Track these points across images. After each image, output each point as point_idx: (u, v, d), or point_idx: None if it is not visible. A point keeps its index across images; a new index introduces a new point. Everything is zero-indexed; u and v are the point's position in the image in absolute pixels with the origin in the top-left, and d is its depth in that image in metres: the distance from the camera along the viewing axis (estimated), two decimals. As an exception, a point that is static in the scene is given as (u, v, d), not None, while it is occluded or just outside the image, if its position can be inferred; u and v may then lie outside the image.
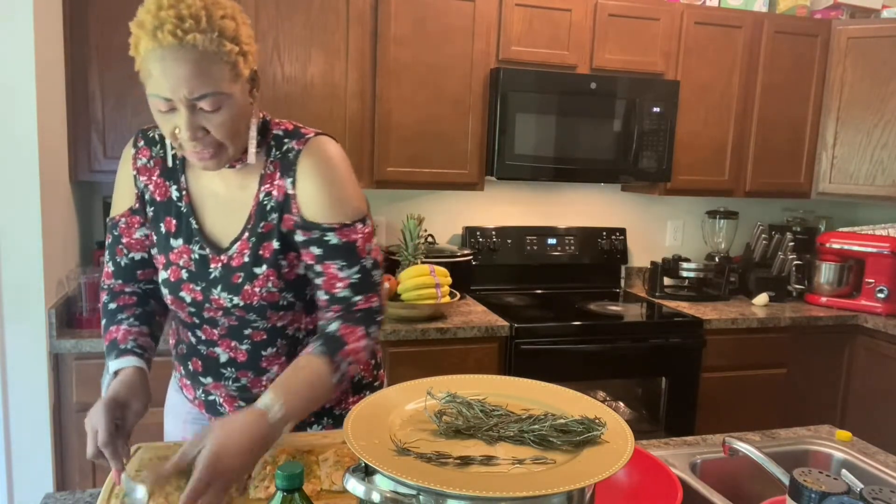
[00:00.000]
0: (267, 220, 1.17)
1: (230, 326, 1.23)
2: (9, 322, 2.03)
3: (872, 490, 0.91)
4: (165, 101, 1.04)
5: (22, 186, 2.00)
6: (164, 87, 1.02)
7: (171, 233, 1.21)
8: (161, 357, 2.21)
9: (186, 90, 1.02)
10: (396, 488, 0.75)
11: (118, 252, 1.27)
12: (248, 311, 1.19)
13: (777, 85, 3.07)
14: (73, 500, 1.12)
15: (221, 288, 1.18)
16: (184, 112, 1.04)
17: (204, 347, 1.26)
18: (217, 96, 1.04)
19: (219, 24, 1.02)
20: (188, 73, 1.01)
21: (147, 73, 1.04)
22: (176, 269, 1.21)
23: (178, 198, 1.21)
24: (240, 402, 1.30)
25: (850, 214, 3.67)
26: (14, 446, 2.07)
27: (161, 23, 0.99)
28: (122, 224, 1.26)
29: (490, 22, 2.65)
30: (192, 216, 1.21)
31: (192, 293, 1.20)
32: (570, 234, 3.18)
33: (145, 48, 1.02)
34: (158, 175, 1.22)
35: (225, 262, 1.19)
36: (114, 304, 1.26)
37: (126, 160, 1.25)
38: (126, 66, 2.30)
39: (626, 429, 0.88)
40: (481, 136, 2.72)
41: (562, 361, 2.57)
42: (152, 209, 1.23)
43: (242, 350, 1.24)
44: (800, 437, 1.48)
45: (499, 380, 1.06)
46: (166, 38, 0.99)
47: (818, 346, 2.97)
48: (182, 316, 1.26)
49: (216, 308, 1.20)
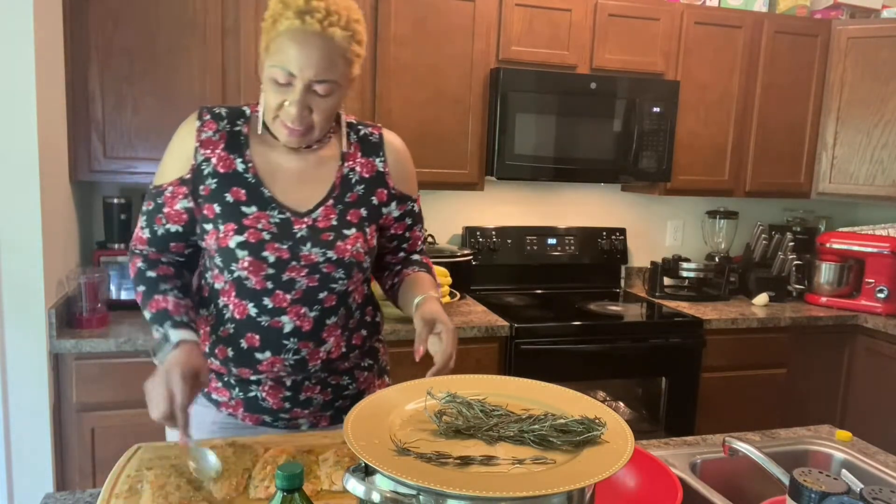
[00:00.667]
0: (353, 192, 1.32)
1: (307, 289, 1.26)
2: (9, 322, 2.03)
3: (872, 490, 0.91)
4: (288, 75, 1.16)
5: (22, 186, 2.00)
6: (295, 63, 1.15)
7: (241, 201, 1.25)
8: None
9: (313, 72, 1.16)
10: (396, 488, 0.75)
11: (157, 221, 1.29)
12: (338, 266, 1.27)
13: (777, 85, 3.07)
14: (73, 500, 1.12)
15: (311, 244, 1.25)
16: (300, 90, 1.17)
17: (267, 318, 1.26)
18: (332, 84, 1.19)
19: (353, 26, 1.19)
20: (319, 58, 1.15)
21: (279, 47, 1.16)
22: (255, 231, 1.24)
23: (243, 170, 1.27)
24: (285, 391, 1.31)
25: (850, 214, 3.67)
26: (14, 446, 2.07)
27: (311, 10, 1.14)
28: (168, 193, 1.28)
29: (490, 22, 2.65)
30: (261, 186, 1.27)
31: (278, 252, 1.23)
32: (570, 234, 3.18)
33: (287, 26, 1.14)
34: (222, 149, 1.27)
35: (310, 223, 1.27)
36: (153, 273, 1.29)
37: (188, 133, 1.28)
38: (126, 66, 2.31)
39: (626, 429, 0.88)
40: (481, 136, 2.72)
41: (562, 361, 2.57)
42: (215, 181, 1.26)
43: (310, 318, 1.27)
44: (800, 437, 1.48)
45: (499, 380, 1.06)
46: (313, 25, 1.14)
47: (818, 346, 2.97)
48: (251, 283, 1.24)
49: (303, 266, 1.25)
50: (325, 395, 1.36)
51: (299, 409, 1.34)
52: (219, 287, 1.29)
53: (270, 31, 1.18)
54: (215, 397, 1.35)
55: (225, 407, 1.34)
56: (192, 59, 2.35)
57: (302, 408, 1.34)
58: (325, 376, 1.35)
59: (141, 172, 2.36)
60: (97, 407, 2.15)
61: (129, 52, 2.30)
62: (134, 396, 2.17)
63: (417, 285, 1.36)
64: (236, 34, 2.38)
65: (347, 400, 1.39)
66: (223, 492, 1.04)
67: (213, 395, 1.35)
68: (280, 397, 1.32)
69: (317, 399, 1.35)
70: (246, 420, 1.34)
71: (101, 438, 2.17)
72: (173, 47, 2.33)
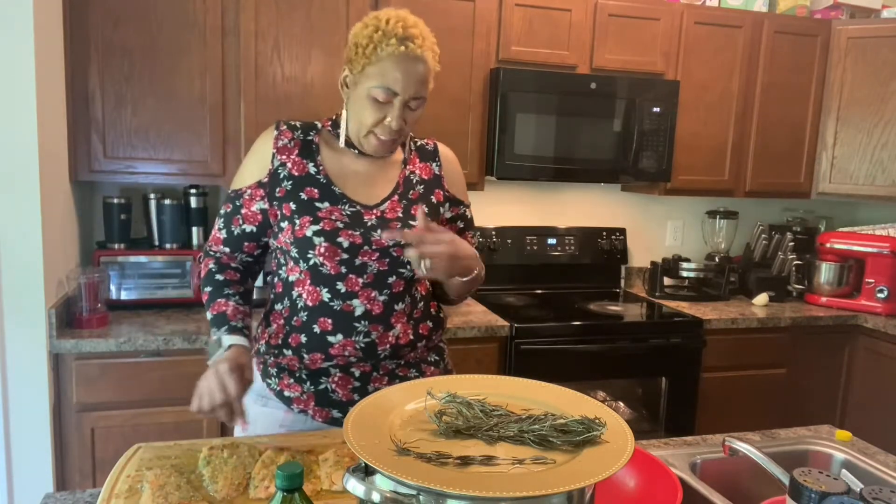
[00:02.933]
0: (414, 190, 1.44)
1: (378, 272, 1.35)
2: (9, 322, 2.03)
3: (872, 490, 0.91)
4: (390, 94, 1.30)
5: (22, 186, 2.00)
6: (399, 84, 1.29)
7: (314, 199, 1.36)
8: (166, 357, 2.20)
9: (413, 90, 1.31)
10: (396, 488, 0.75)
11: (234, 221, 1.40)
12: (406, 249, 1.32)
13: (777, 85, 3.07)
14: (73, 500, 1.12)
15: (382, 230, 1.35)
16: (399, 106, 1.31)
17: (339, 302, 1.34)
18: (423, 100, 1.35)
19: (435, 48, 1.36)
20: (418, 79, 1.31)
21: (381, 70, 1.29)
22: (329, 221, 1.34)
23: (315, 172, 1.39)
24: (355, 382, 1.37)
25: (850, 214, 3.67)
26: (14, 446, 2.07)
27: (411, 37, 1.29)
28: (247, 195, 1.39)
29: (490, 22, 2.65)
30: (332, 185, 1.38)
31: (351, 237, 1.33)
32: (570, 234, 3.18)
33: (390, 52, 1.28)
34: (297, 154, 1.39)
35: (379, 215, 1.37)
36: (221, 276, 1.41)
37: (266, 140, 1.41)
38: (126, 66, 2.31)
39: (626, 429, 0.88)
40: (481, 136, 2.72)
41: (562, 361, 2.57)
42: (290, 182, 1.37)
43: (379, 301, 1.35)
44: (800, 437, 1.48)
45: (499, 380, 1.06)
46: (415, 50, 1.29)
47: (818, 346, 2.97)
48: (327, 269, 1.33)
49: (374, 249, 1.34)
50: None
51: None
52: (293, 279, 1.37)
53: (370, 56, 1.29)
54: (287, 394, 1.39)
55: (297, 403, 1.39)
56: (192, 59, 2.35)
57: None
58: (392, 367, 1.40)
59: (141, 172, 2.36)
60: (97, 407, 2.15)
61: (129, 52, 2.30)
62: (134, 396, 2.17)
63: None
64: (236, 34, 2.38)
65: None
66: (223, 492, 1.05)
67: (286, 391, 1.39)
68: (349, 388, 1.37)
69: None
70: (316, 417, 1.38)
71: (101, 438, 2.17)
72: (173, 47, 2.33)
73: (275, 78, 2.44)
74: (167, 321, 2.33)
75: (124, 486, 1.04)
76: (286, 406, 1.40)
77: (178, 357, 2.18)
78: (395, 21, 1.30)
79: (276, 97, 2.44)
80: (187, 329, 2.25)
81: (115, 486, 1.04)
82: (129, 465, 1.11)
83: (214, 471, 1.08)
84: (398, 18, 1.31)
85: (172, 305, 2.49)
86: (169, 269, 2.47)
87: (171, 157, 2.38)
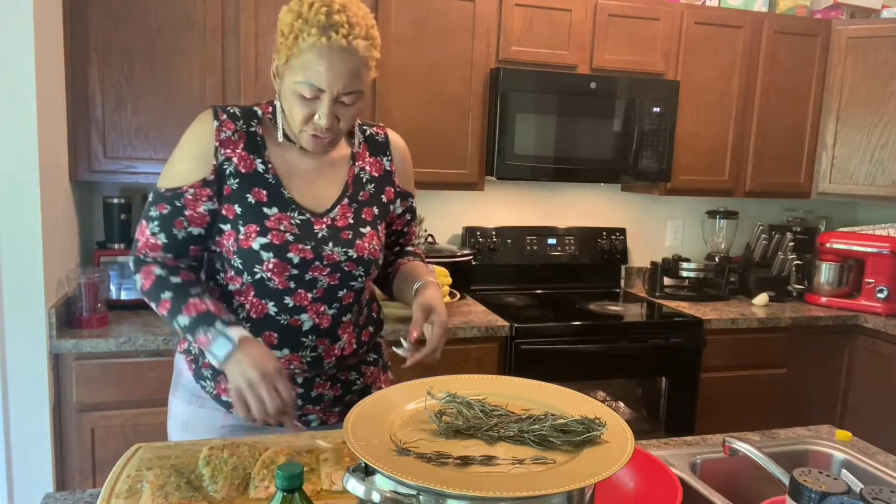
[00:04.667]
0: (364, 190, 1.35)
1: (328, 287, 1.28)
2: (9, 322, 2.03)
3: (872, 490, 0.91)
4: (315, 91, 1.17)
5: (22, 186, 1.99)
6: (324, 79, 1.16)
7: (262, 202, 1.26)
8: (166, 357, 2.19)
9: (342, 85, 1.17)
10: (396, 488, 0.75)
11: (177, 224, 1.25)
12: (358, 264, 1.30)
13: (777, 85, 3.07)
14: (73, 500, 1.12)
15: (333, 244, 1.28)
16: (328, 103, 1.19)
17: (286, 317, 1.28)
18: (358, 94, 1.22)
19: (372, 33, 1.21)
20: (348, 72, 1.17)
21: (303, 63, 1.16)
22: (278, 233, 1.24)
23: (263, 170, 1.27)
24: (297, 388, 1.32)
25: (850, 214, 3.67)
26: (14, 446, 2.07)
27: (334, 25, 1.14)
28: (190, 195, 1.24)
29: (490, 22, 2.65)
30: (281, 187, 1.28)
31: (302, 252, 1.25)
32: (570, 234, 3.18)
33: (311, 43, 1.14)
34: (242, 148, 1.27)
35: (329, 223, 1.29)
36: (177, 279, 1.26)
37: (205, 132, 1.26)
38: (126, 66, 2.31)
39: (626, 429, 0.88)
40: (481, 136, 2.72)
41: (562, 361, 2.57)
42: (237, 181, 1.26)
43: (328, 315, 1.30)
44: (800, 437, 1.48)
45: (499, 380, 1.06)
46: (339, 40, 1.14)
47: (818, 346, 2.97)
48: (274, 284, 1.25)
49: (325, 265, 1.27)
50: (335, 391, 1.38)
51: (311, 405, 1.36)
52: (233, 288, 1.29)
53: (292, 47, 1.17)
54: (225, 398, 1.34)
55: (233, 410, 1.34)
56: (191, 59, 2.35)
57: (313, 404, 1.37)
58: (335, 372, 1.37)
59: (141, 172, 2.36)
60: (97, 407, 2.15)
61: (129, 52, 2.30)
62: (134, 396, 2.17)
63: (415, 272, 1.42)
64: (236, 34, 2.38)
65: (355, 395, 1.42)
66: (223, 492, 1.05)
67: (223, 396, 1.34)
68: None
69: (327, 395, 1.38)
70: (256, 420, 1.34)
71: (101, 438, 2.17)
72: (173, 47, 2.33)
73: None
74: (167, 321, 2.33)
75: (124, 486, 1.04)
76: (224, 409, 1.35)
77: (178, 357, 2.18)
78: (319, 6, 1.15)
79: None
80: (187, 329, 2.24)
81: (115, 486, 1.04)
82: (129, 465, 1.11)
83: (214, 471, 1.08)
84: (323, 3, 1.15)
85: (172, 305, 2.49)
86: (169, 269, 2.47)
87: (171, 157, 2.38)
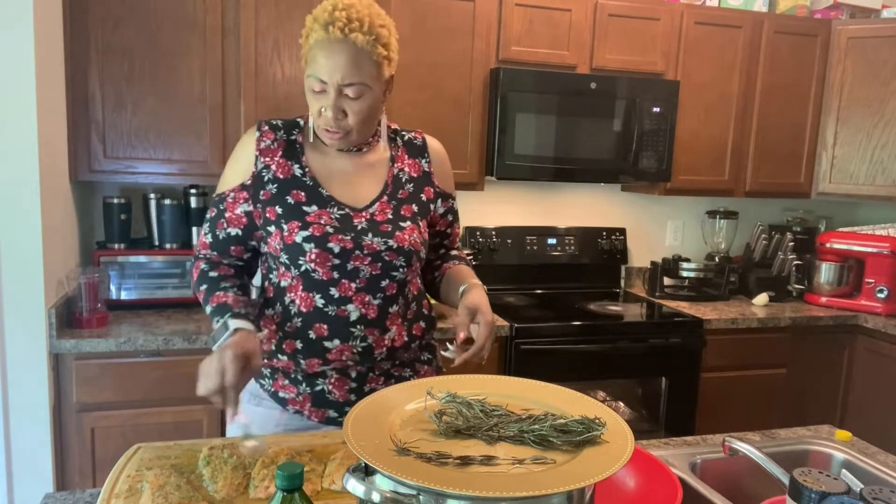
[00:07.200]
0: (403, 189, 1.42)
1: (371, 277, 1.33)
2: (9, 322, 2.03)
3: (872, 490, 0.91)
4: (321, 83, 1.26)
5: (22, 186, 2.00)
6: (324, 71, 1.25)
7: (301, 202, 1.34)
8: (166, 357, 2.20)
9: (340, 76, 1.25)
10: (396, 488, 0.75)
11: (219, 225, 1.38)
12: (398, 254, 1.34)
13: (777, 85, 3.07)
14: (73, 500, 1.12)
15: (373, 234, 1.33)
16: (332, 95, 1.26)
17: (334, 308, 1.32)
18: (361, 87, 1.27)
19: (376, 30, 1.27)
20: (345, 62, 1.24)
21: (312, 58, 1.27)
22: (318, 226, 1.31)
23: (301, 174, 1.36)
24: (351, 383, 1.36)
25: (850, 214, 3.67)
26: (14, 446, 2.07)
27: (333, 20, 1.24)
28: (230, 199, 1.36)
29: (490, 22, 2.65)
30: (319, 187, 1.36)
31: (342, 242, 1.31)
32: (570, 234, 3.18)
33: (315, 38, 1.25)
34: (281, 156, 1.37)
35: (368, 217, 1.36)
36: (214, 273, 1.37)
37: (248, 142, 1.38)
38: (126, 66, 2.31)
39: (626, 429, 0.88)
40: (481, 136, 2.72)
41: (562, 361, 2.57)
42: (275, 186, 1.35)
43: (374, 305, 1.34)
44: (800, 437, 1.48)
45: (499, 380, 1.06)
46: (335, 33, 1.23)
47: (818, 346, 2.97)
48: (319, 275, 1.31)
49: (366, 255, 1.32)
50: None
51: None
52: (285, 284, 1.35)
53: (304, 46, 1.29)
54: (282, 395, 1.38)
55: (292, 404, 1.38)
56: (192, 59, 2.35)
57: None
58: (388, 367, 1.40)
59: (141, 172, 2.36)
60: (97, 407, 2.15)
61: (129, 52, 2.30)
62: (134, 396, 2.17)
63: (462, 275, 1.47)
64: (236, 34, 2.38)
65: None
66: (223, 492, 1.05)
67: (280, 392, 1.38)
68: (346, 389, 1.36)
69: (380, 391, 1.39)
70: (312, 417, 1.37)
71: (101, 438, 2.17)
72: (173, 47, 2.33)
73: (275, 78, 2.44)
74: (167, 321, 2.33)
75: (124, 486, 1.04)
76: (281, 406, 1.39)
77: (178, 357, 2.18)
78: (327, 5, 1.26)
79: (276, 97, 2.44)
80: (187, 329, 2.25)
81: (115, 486, 1.04)
82: (129, 465, 1.11)
83: (214, 471, 1.08)
84: (333, 3, 1.26)
85: (172, 305, 2.49)
86: (169, 269, 2.47)
87: (171, 158, 2.38)
